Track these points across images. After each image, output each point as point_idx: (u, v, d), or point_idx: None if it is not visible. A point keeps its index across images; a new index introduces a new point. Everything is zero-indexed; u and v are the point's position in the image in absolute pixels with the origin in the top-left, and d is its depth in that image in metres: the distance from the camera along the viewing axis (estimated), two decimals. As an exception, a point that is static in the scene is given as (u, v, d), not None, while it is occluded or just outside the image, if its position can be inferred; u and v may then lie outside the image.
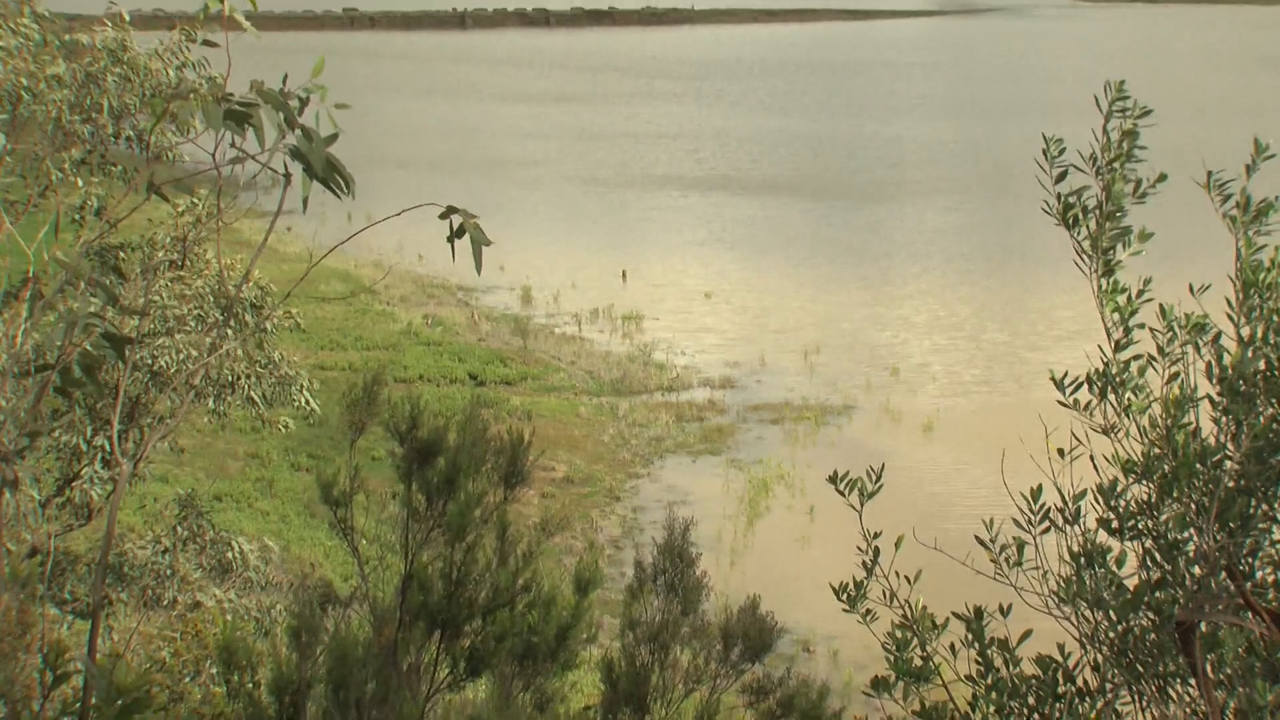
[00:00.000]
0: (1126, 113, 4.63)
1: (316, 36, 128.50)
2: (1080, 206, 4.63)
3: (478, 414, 7.04)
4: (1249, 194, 4.58)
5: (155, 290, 10.42)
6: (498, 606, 6.84)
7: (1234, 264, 4.50)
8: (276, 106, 4.56)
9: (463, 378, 35.86)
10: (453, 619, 6.82)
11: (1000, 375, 36.30)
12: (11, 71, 8.80)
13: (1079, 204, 4.62)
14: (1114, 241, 4.60)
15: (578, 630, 7.02)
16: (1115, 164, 4.58)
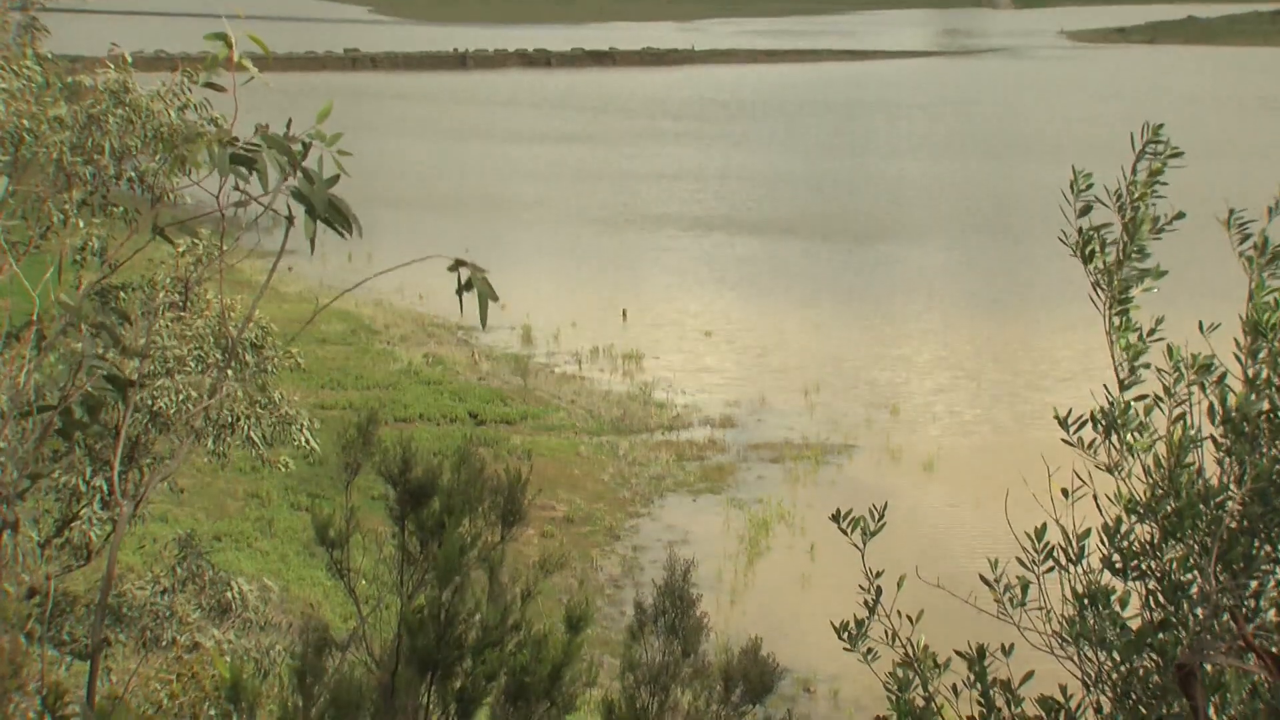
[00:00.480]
0: (1158, 154, 4.65)
1: (318, 77, 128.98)
2: (1100, 240, 4.63)
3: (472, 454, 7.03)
4: (1267, 236, 4.59)
5: (156, 331, 10.43)
6: (487, 646, 6.81)
7: (1246, 304, 4.51)
8: (281, 151, 4.58)
9: (463, 417, 35.84)
10: (442, 660, 6.79)
11: (1001, 414, 36.28)
12: (14, 113, 8.84)
13: (1098, 238, 4.63)
14: (1131, 280, 4.61)
15: (572, 669, 6.98)
16: (1140, 201, 4.60)
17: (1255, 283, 4.52)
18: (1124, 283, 4.60)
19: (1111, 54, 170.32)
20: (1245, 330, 4.44)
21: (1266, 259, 4.54)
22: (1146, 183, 4.62)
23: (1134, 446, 4.55)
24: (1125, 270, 4.60)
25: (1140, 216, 4.59)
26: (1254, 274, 4.54)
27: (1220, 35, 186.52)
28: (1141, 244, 4.61)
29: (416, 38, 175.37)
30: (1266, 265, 4.54)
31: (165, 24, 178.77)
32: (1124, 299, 4.61)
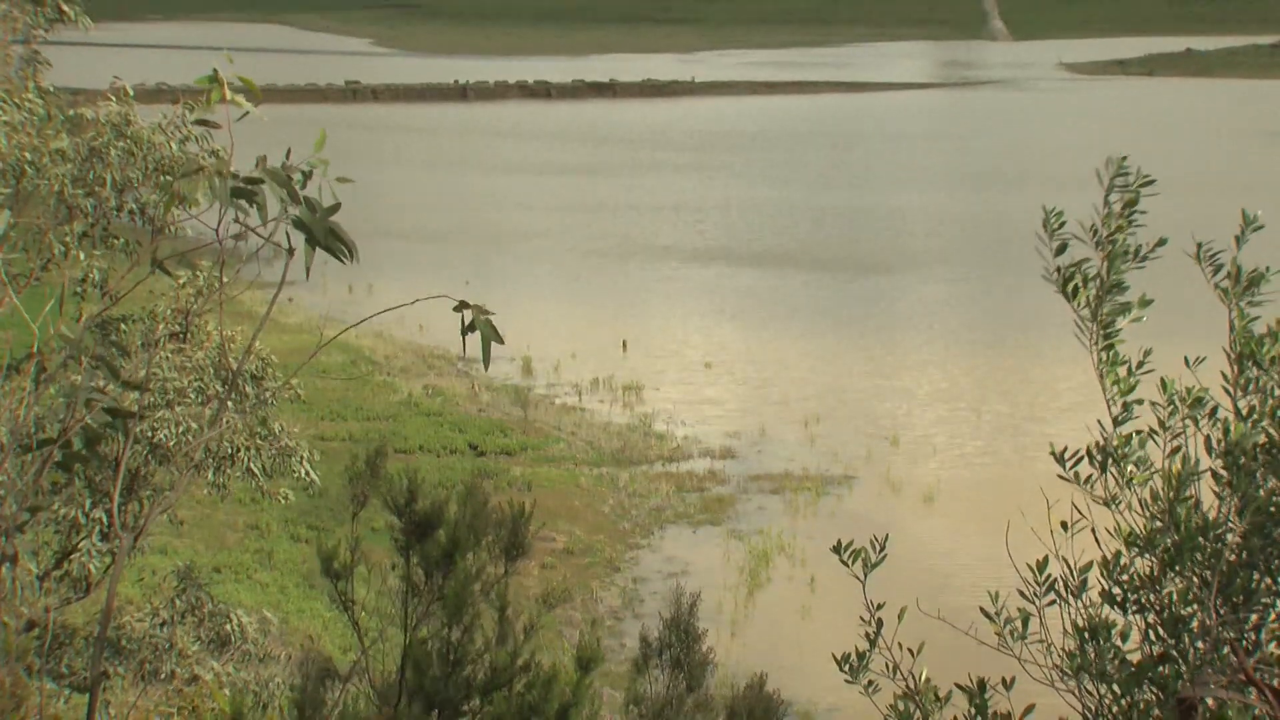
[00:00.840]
0: (1128, 186, 4.67)
1: (320, 109, 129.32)
2: (1081, 276, 4.65)
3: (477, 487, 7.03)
4: (1239, 265, 4.59)
5: (156, 363, 10.44)
6: (496, 687, 6.79)
7: (1228, 336, 4.51)
8: (280, 183, 4.60)
9: (463, 448, 35.82)
10: (449, 699, 6.77)
11: (1002, 446, 36.26)
12: (16, 146, 8.87)
13: (1079, 275, 4.65)
14: (1114, 314, 4.61)
15: (579, 710, 6.96)
16: (1116, 236, 4.61)
17: (1235, 313, 4.53)
18: (1108, 317, 4.61)
19: (1110, 86, 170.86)
20: (1232, 363, 4.45)
21: (1241, 289, 4.55)
22: (1122, 214, 4.63)
23: (1131, 480, 4.55)
24: (1108, 305, 4.61)
25: (1117, 250, 4.60)
26: (1231, 305, 4.55)
27: (1218, 68, 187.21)
28: (1119, 278, 4.62)
29: (417, 70, 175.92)
30: (1242, 295, 4.55)
31: (167, 56, 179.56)
32: (1109, 334, 4.61)
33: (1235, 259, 4.60)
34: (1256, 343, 4.45)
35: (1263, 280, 4.61)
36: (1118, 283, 4.60)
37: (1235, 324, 4.52)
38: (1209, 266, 4.61)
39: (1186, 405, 4.49)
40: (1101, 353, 4.62)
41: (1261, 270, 4.65)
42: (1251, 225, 4.65)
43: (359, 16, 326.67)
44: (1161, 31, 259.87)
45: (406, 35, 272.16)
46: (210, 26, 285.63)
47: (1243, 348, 4.45)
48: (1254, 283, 4.59)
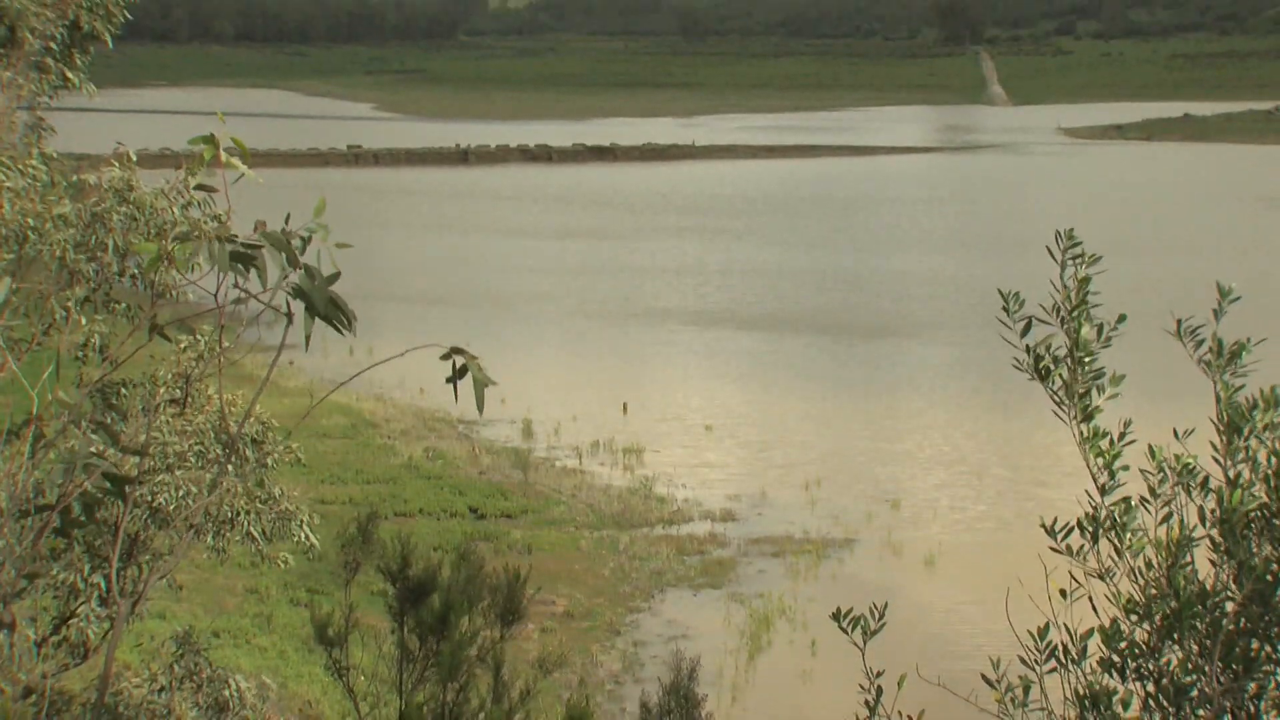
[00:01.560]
0: (1079, 260, 4.71)
1: (322, 173, 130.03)
2: (1051, 357, 4.68)
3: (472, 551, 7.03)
4: (1220, 339, 4.61)
5: (156, 427, 10.45)
6: (493, 749, 6.77)
7: (1215, 407, 4.53)
8: (280, 248, 4.63)
9: (463, 511, 35.75)
10: (448, 761, 6.75)
11: (1005, 511, 36.18)
12: (19, 212, 8.92)
13: (1049, 355, 4.68)
14: (1089, 387, 4.64)
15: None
16: (1076, 312, 4.64)
17: (1219, 385, 4.55)
18: (1082, 394, 4.64)
19: (1109, 150, 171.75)
20: (1221, 434, 4.46)
21: (1224, 361, 4.58)
22: (1079, 291, 4.67)
23: (1125, 548, 4.55)
24: (1080, 384, 4.63)
25: (1079, 325, 4.63)
26: (1215, 378, 4.57)
27: (1216, 133, 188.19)
28: (1087, 353, 4.64)
29: (419, 134, 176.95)
30: (1225, 366, 4.58)
31: (171, 121, 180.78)
32: (1086, 411, 4.63)
33: (1215, 333, 4.63)
34: (1244, 414, 4.47)
35: (1244, 351, 4.63)
36: (1086, 355, 4.63)
37: (1221, 396, 4.54)
38: (1190, 341, 4.63)
39: (1176, 473, 4.50)
40: (1081, 427, 4.64)
41: (1242, 341, 4.68)
42: (1228, 298, 4.69)
43: (362, 82, 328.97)
44: (1159, 97, 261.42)
45: (408, 100, 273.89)
46: (215, 92, 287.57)
47: (1230, 419, 4.46)
48: (1235, 356, 4.61)
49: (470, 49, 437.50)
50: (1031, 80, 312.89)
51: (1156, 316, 4.85)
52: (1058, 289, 4.70)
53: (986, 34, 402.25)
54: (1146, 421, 4.83)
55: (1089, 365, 4.67)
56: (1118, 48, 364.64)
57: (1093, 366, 4.68)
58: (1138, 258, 76.40)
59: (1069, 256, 4.73)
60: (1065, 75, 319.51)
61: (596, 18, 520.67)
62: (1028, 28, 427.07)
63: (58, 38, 11.98)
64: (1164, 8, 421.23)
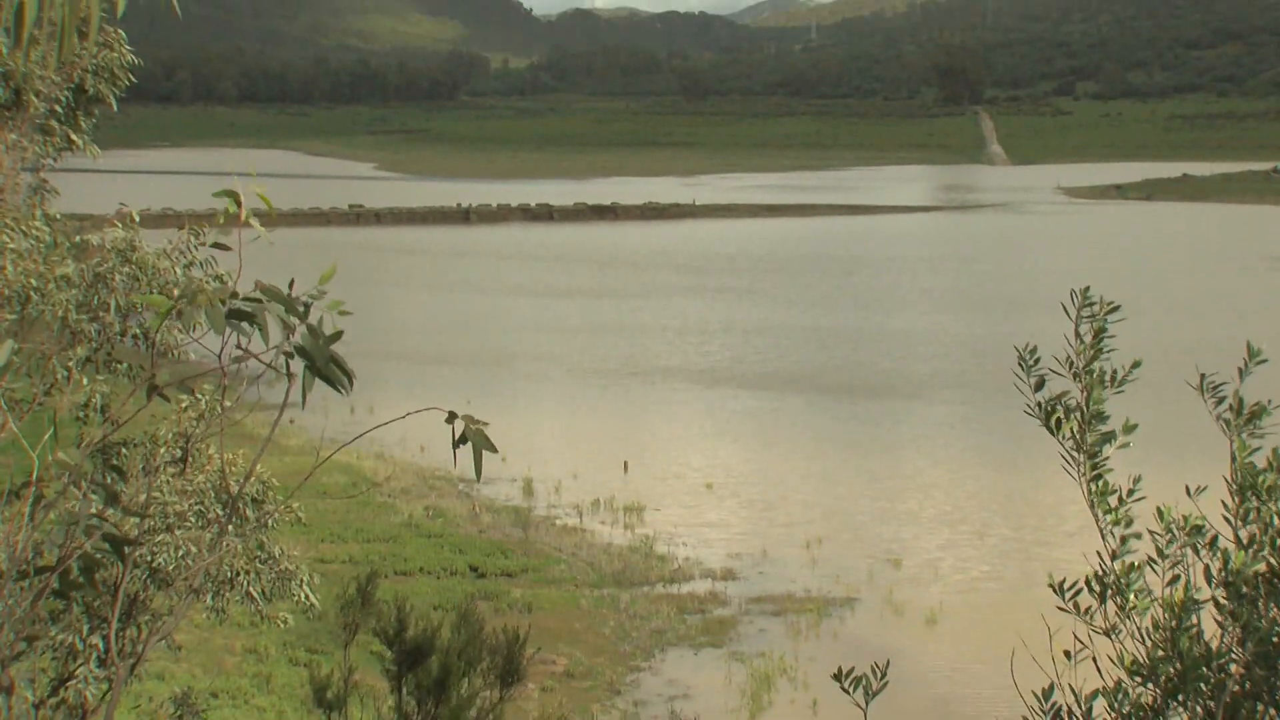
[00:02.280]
0: (1094, 316, 4.73)
1: (324, 232, 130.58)
2: (1064, 408, 4.68)
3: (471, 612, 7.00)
4: (1241, 398, 4.62)
5: (157, 486, 10.43)
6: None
7: (1229, 466, 4.53)
8: (282, 304, 4.63)
9: (463, 570, 35.63)
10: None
11: (1007, 570, 36.04)
12: (22, 273, 8.95)
13: (1061, 407, 4.68)
14: (1099, 444, 4.64)
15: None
16: (1091, 366, 4.66)
17: (1236, 444, 4.55)
18: (1093, 448, 4.64)
19: (1109, 210, 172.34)
20: (1233, 493, 4.46)
21: (1243, 420, 4.58)
22: (1094, 343, 4.69)
23: (1132, 610, 4.54)
24: (1091, 436, 4.64)
25: (1094, 379, 4.64)
26: (1233, 436, 4.58)
27: (1215, 192, 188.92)
28: (1100, 408, 4.65)
29: (420, 193, 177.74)
30: (1244, 426, 4.58)
31: (174, 182, 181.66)
32: (1096, 465, 4.63)
33: (1238, 391, 4.64)
34: (1257, 475, 4.46)
35: (1264, 414, 4.64)
36: (1099, 413, 4.63)
37: (1236, 455, 4.54)
38: (1211, 398, 4.64)
39: (1185, 533, 4.49)
40: (1090, 483, 4.64)
41: (1263, 403, 4.68)
42: (1256, 359, 4.69)
43: (364, 141, 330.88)
44: (1158, 157, 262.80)
45: (410, 159, 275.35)
46: (217, 152, 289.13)
47: (1244, 480, 4.46)
48: (1255, 416, 4.61)
49: (472, 109, 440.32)
50: (1030, 140, 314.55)
51: (1168, 376, 4.85)
52: (1071, 343, 4.71)
53: (986, 94, 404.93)
54: (1152, 477, 4.83)
55: (1101, 422, 4.67)
56: (1116, 108, 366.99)
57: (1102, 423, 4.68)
58: (1143, 318, 76.53)
59: (1084, 315, 4.75)
60: (1064, 135, 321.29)
61: (598, 78, 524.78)
62: (1026, 88, 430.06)
63: (63, 100, 12.06)
64: (1162, 69, 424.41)
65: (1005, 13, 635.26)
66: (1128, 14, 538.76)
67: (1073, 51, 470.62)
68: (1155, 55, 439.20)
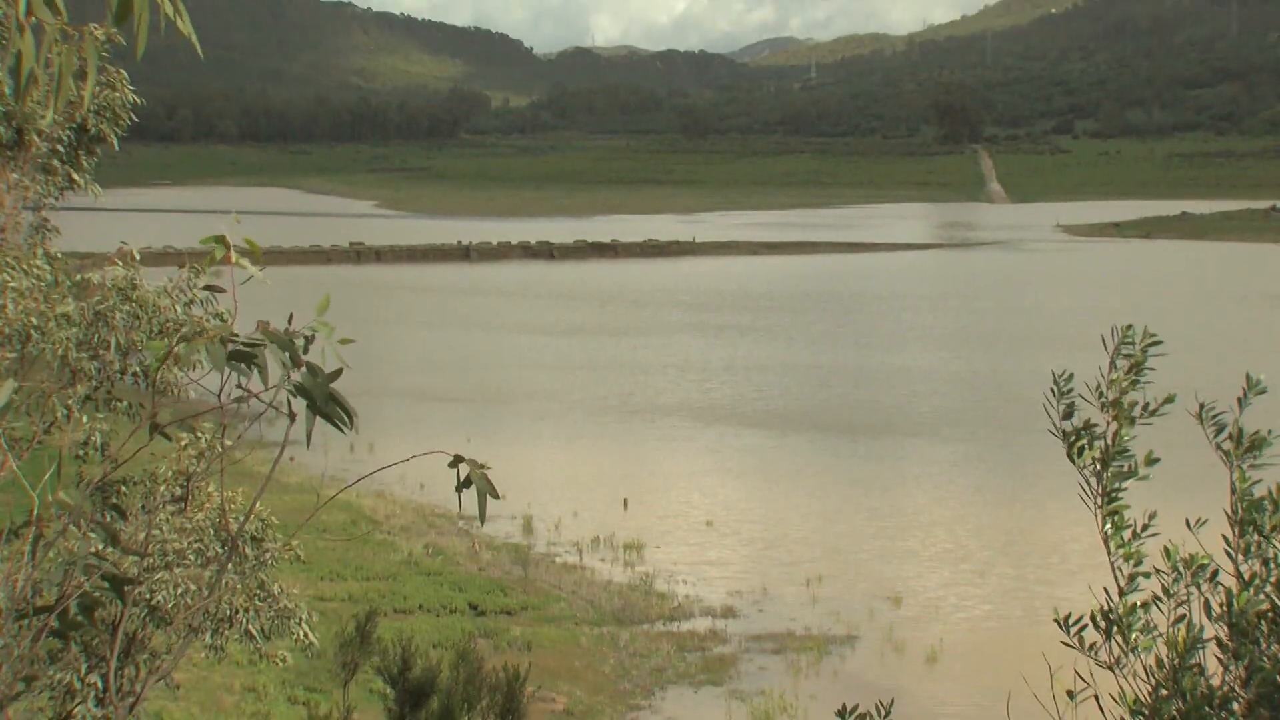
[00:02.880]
0: (1133, 351, 4.73)
1: (325, 270, 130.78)
2: (1088, 438, 4.68)
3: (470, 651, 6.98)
4: (1241, 428, 4.62)
5: (157, 524, 10.42)
6: None
7: (1229, 498, 4.53)
8: (282, 346, 4.64)
9: (463, 608, 35.53)
10: None
11: (1008, 609, 35.93)
12: (23, 311, 8.96)
13: (1087, 436, 4.68)
14: (1119, 478, 4.64)
15: None
16: (1122, 399, 4.66)
17: (1236, 475, 4.55)
18: (1112, 480, 4.64)
19: (1108, 248, 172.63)
20: (1233, 526, 4.45)
21: (1243, 450, 4.58)
22: (1127, 376, 4.69)
23: (1136, 647, 4.52)
24: (1112, 468, 4.64)
25: (1124, 412, 4.64)
26: (1232, 467, 4.57)
27: (1213, 231, 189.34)
28: (1124, 444, 4.65)
29: (421, 231, 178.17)
30: (1244, 456, 4.58)
31: (175, 220, 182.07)
32: (1113, 498, 4.63)
33: (1237, 421, 4.64)
34: (1257, 507, 4.46)
35: (1265, 445, 4.64)
36: (1123, 449, 4.63)
37: (1237, 486, 4.54)
38: (1211, 427, 4.64)
39: (1190, 572, 4.48)
40: (1107, 516, 4.63)
41: (1263, 434, 4.68)
42: (1255, 388, 4.70)
43: (365, 179, 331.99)
44: (1157, 195, 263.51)
45: (410, 197, 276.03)
46: (218, 191, 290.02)
47: (1244, 513, 4.46)
48: (1256, 446, 4.61)
49: (472, 147, 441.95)
50: (1030, 178, 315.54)
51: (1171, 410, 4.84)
52: (1104, 375, 4.71)
53: (985, 132, 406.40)
54: (1164, 512, 4.82)
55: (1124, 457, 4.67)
56: (1115, 146, 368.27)
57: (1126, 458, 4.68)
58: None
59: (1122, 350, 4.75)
60: (1063, 173, 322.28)
61: (598, 116, 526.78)
62: (1025, 126, 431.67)
63: (65, 140, 12.11)
64: (1161, 108, 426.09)
65: (1004, 52, 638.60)
66: (1126, 53, 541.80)
67: (1071, 90, 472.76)
68: (1154, 94, 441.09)
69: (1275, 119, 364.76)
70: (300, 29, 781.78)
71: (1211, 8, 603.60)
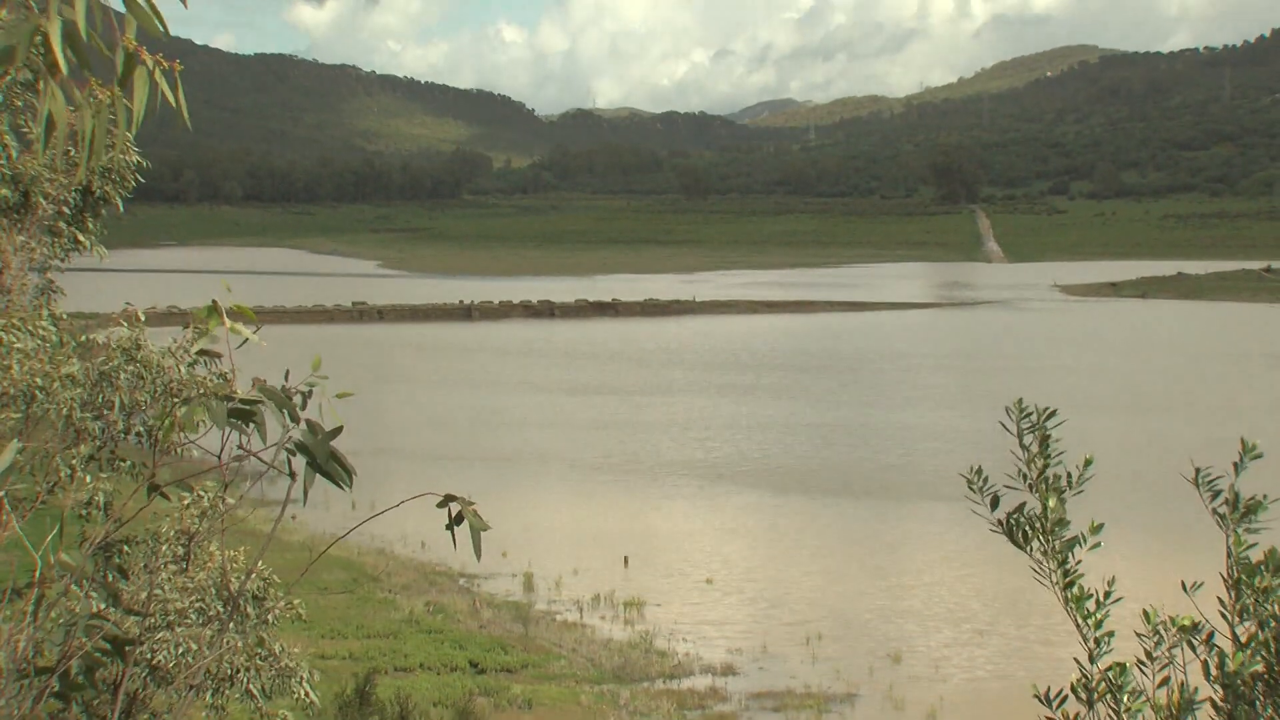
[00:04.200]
0: (1035, 426, 4.82)
1: (327, 329, 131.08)
2: (1026, 524, 4.75)
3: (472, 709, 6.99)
4: (1237, 492, 4.67)
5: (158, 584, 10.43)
6: None
7: (1225, 561, 4.56)
8: (280, 405, 4.70)
9: (464, 665, 35.39)
10: None
11: (1010, 669, 35.78)
12: (27, 372, 9.03)
13: (1024, 521, 4.75)
14: (1065, 552, 4.69)
15: None
16: (1043, 477, 4.73)
17: (1232, 539, 4.59)
18: (1060, 560, 4.69)
19: (1105, 307, 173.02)
20: (1229, 589, 4.49)
21: (1239, 515, 4.62)
22: (1041, 452, 4.76)
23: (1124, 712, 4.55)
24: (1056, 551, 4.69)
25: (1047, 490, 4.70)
26: (1228, 530, 4.61)
27: (1209, 291, 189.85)
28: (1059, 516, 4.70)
29: (423, 290, 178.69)
30: (1240, 521, 4.62)
31: (180, 280, 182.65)
32: (1067, 572, 4.68)
33: (1234, 485, 4.68)
34: (1252, 570, 4.49)
35: (1260, 509, 4.68)
36: (1059, 520, 4.69)
37: (1233, 550, 4.58)
38: (1207, 492, 4.68)
39: (1175, 632, 4.51)
40: (1065, 591, 4.68)
41: (1259, 498, 4.72)
42: (1250, 453, 4.74)
43: (367, 239, 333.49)
44: (1153, 255, 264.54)
45: (413, 256, 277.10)
46: (223, 251, 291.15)
47: (1240, 575, 4.49)
48: (1251, 510, 4.65)
49: (475, 207, 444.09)
50: (1027, 238, 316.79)
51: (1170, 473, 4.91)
52: (1020, 456, 4.80)
53: (982, 193, 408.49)
54: (1150, 573, 4.87)
55: (1063, 529, 4.73)
56: (1111, 207, 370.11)
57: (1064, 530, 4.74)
58: (1145, 415, 76.60)
59: (1024, 426, 4.84)
60: (1060, 233, 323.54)
61: (599, 176, 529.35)
62: (1022, 187, 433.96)
63: (70, 202, 12.22)
64: (1156, 169, 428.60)
65: (1000, 114, 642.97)
66: (1121, 115, 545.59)
67: (1067, 152, 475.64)
68: (1148, 156, 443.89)
69: (1269, 181, 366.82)
70: (305, 92, 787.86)
71: (1205, 71, 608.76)
